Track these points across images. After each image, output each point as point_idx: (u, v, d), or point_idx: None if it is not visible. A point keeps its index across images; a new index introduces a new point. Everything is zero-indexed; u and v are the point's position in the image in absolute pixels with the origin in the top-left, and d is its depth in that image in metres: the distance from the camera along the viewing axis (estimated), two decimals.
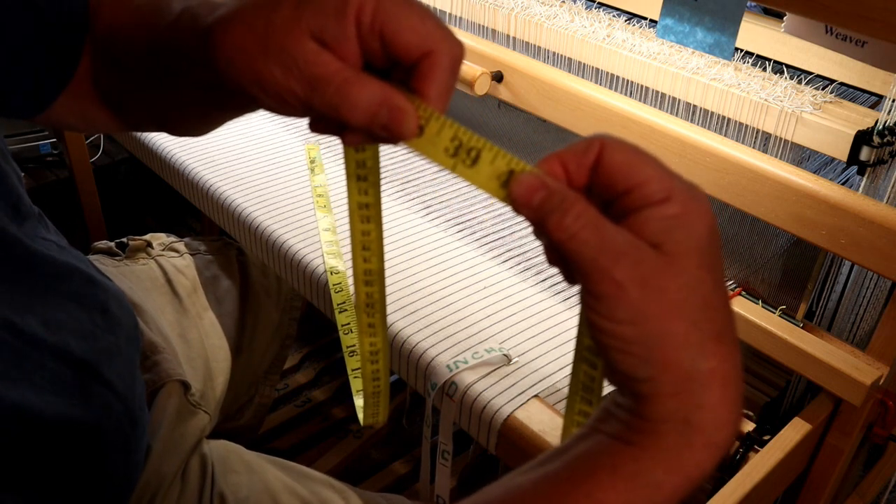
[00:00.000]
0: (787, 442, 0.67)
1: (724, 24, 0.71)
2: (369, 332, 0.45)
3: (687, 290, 0.30)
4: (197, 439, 0.72)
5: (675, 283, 0.30)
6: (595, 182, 0.32)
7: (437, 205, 0.90)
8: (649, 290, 0.30)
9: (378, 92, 0.34)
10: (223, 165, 0.95)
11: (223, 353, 0.85)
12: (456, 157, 0.34)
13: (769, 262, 0.75)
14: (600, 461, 0.32)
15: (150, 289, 0.83)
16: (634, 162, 0.31)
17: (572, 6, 0.91)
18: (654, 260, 0.30)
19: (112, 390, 0.56)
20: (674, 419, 0.31)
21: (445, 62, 0.35)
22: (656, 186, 0.31)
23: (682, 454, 0.31)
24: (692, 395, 0.31)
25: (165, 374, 0.72)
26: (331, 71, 0.34)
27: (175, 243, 0.90)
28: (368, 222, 0.41)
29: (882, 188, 0.69)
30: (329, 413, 1.35)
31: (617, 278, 0.30)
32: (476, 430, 0.65)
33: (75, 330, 0.54)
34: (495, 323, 0.73)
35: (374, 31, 0.34)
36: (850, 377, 0.67)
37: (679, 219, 0.31)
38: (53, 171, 1.55)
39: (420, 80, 0.35)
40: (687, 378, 0.31)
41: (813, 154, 0.75)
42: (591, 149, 0.32)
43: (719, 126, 0.77)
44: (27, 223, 0.55)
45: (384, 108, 0.34)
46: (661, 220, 0.31)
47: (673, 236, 0.31)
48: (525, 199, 0.32)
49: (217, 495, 0.69)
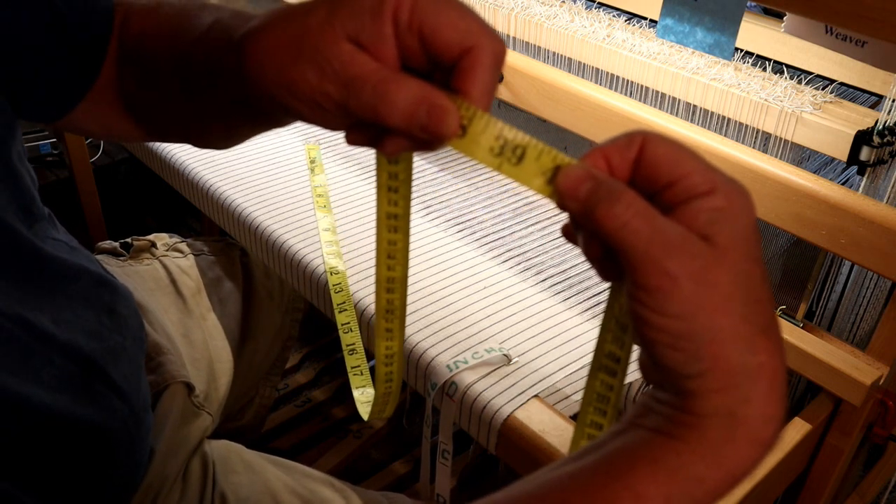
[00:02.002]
0: (787, 442, 0.67)
1: (724, 24, 0.71)
2: (387, 336, 0.45)
3: (737, 283, 0.30)
4: (199, 440, 0.72)
5: (726, 277, 0.30)
6: (638, 176, 0.31)
7: (437, 205, 0.90)
8: (702, 284, 0.29)
9: (417, 90, 0.32)
10: (223, 165, 0.95)
11: (226, 355, 0.85)
12: (501, 157, 0.33)
13: (769, 262, 0.75)
14: (640, 454, 0.31)
15: (154, 289, 0.83)
16: (677, 155, 0.31)
17: (572, 6, 0.91)
18: (706, 252, 0.29)
19: (117, 390, 0.56)
20: (720, 414, 0.30)
21: (488, 59, 0.33)
22: (700, 178, 0.30)
23: (727, 449, 0.30)
24: (740, 390, 0.30)
25: (170, 376, 0.71)
26: (367, 70, 0.32)
27: (179, 244, 0.90)
28: (396, 232, 0.41)
29: (882, 188, 0.69)
30: (329, 413, 1.35)
31: (671, 271, 0.29)
32: (476, 430, 0.65)
33: (83, 329, 0.54)
34: (495, 323, 0.73)
35: (413, 30, 0.33)
36: (850, 377, 0.67)
37: (725, 211, 0.30)
38: (53, 171, 1.55)
39: (462, 78, 0.33)
40: (736, 373, 0.30)
41: (813, 154, 0.75)
42: (633, 143, 0.31)
43: (719, 126, 0.77)
44: (38, 224, 0.55)
45: (424, 106, 0.32)
46: (708, 212, 0.30)
47: (721, 228, 0.30)
48: (572, 191, 0.31)
49: (218, 495, 0.69)
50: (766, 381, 0.30)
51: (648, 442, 0.31)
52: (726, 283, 0.30)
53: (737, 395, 0.30)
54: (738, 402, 0.30)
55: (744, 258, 0.30)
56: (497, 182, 0.94)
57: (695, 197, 0.30)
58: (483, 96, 0.34)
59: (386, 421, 1.30)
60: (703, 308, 0.29)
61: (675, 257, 0.29)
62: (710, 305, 0.29)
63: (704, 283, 0.29)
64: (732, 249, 0.30)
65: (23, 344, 0.48)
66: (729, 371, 0.30)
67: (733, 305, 0.30)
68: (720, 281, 0.29)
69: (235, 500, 0.69)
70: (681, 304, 0.29)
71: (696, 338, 0.29)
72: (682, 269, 0.29)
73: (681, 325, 0.29)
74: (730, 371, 0.30)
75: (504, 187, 0.93)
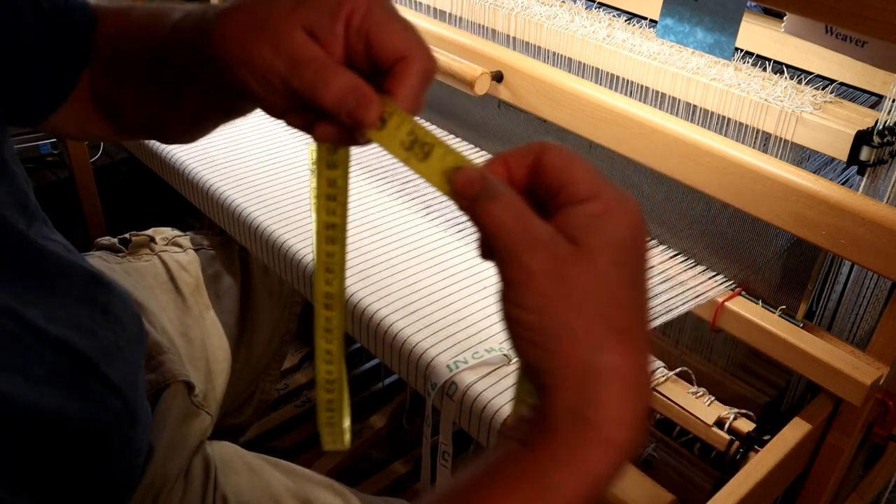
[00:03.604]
0: (787, 442, 0.67)
1: (724, 24, 0.71)
2: (326, 358, 0.44)
3: (597, 285, 0.31)
4: (199, 440, 0.72)
5: (585, 278, 0.31)
6: (534, 182, 0.33)
7: (437, 205, 0.90)
8: (558, 282, 0.31)
9: (351, 79, 0.36)
10: (223, 165, 0.95)
11: (223, 353, 0.85)
12: (410, 151, 0.36)
13: (769, 262, 0.75)
14: (502, 467, 0.32)
15: (153, 286, 0.83)
16: (568, 164, 0.33)
17: (572, 6, 0.91)
18: (568, 252, 0.31)
19: (110, 387, 0.56)
20: (570, 416, 0.31)
21: (418, 68, 0.37)
22: (583, 187, 0.32)
23: (579, 454, 0.31)
24: (589, 390, 0.31)
25: (170, 375, 0.72)
26: (314, 55, 0.36)
27: (178, 238, 0.90)
28: (333, 243, 0.41)
29: (882, 188, 0.69)
30: None
31: (529, 266, 0.31)
32: (476, 430, 0.65)
33: (76, 326, 0.54)
34: (495, 323, 0.73)
35: (361, 33, 0.37)
36: (850, 377, 0.67)
37: (599, 217, 0.31)
38: (53, 171, 1.55)
39: (392, 81, 0.37)
40: (584, 371, 0.31)
41: (813, 154, 0.75)
42: (531, 152, 0.34)
43: (719, 126, 0.77)
44: (35, 223, 0.55)
45: (354, 94, 0.36)
46: (581, 217, 0.32)
47: (591, 232, 0.31)
48: (462, 189, 0.33)
49: (220, 497, 0.69)
50: (619, 382, 0.31)
51: (512, 454, 0.32)
52: (585, 283, 0.31)
53: (586, 396, 0.31)
54: (587, 404, 0.31)
55: (610, 262, 0.31)
56: None
57: (574, 203, 0.32)
58: (407, 98, 0.37)
59: (386, 423, 1.30)
60: (556, 304, 0.31)
61: (535, 254, 0.31)
62: (565, 303, 0.31)
63: (561, 281, 0.31)
64: (598, 253, 0.31)
65: (14, 337, 0.48)
66: (577, 368, 0.31)
67: (589, 305, 0.31)
68: (578, 281, 0.31)
69: (237, 501, 0.69)
70: (535, 298, 0.31)
71: (548, 333, 0.31)
72: (540, 265, 0.31)
73: (534, 319, 0.31)
74: (578, 368, 0.31)
75: None
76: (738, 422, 0.68)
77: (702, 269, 0.80)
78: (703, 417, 0.68)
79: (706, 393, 0.71)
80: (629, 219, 0.32)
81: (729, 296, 0.76)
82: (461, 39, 0.92)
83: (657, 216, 0.83)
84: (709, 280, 0.79)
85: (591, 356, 0.31)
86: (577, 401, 0.31)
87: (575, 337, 0.31)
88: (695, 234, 0.80)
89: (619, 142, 0.80)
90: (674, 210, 0.81)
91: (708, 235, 0.79)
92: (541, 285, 0.31)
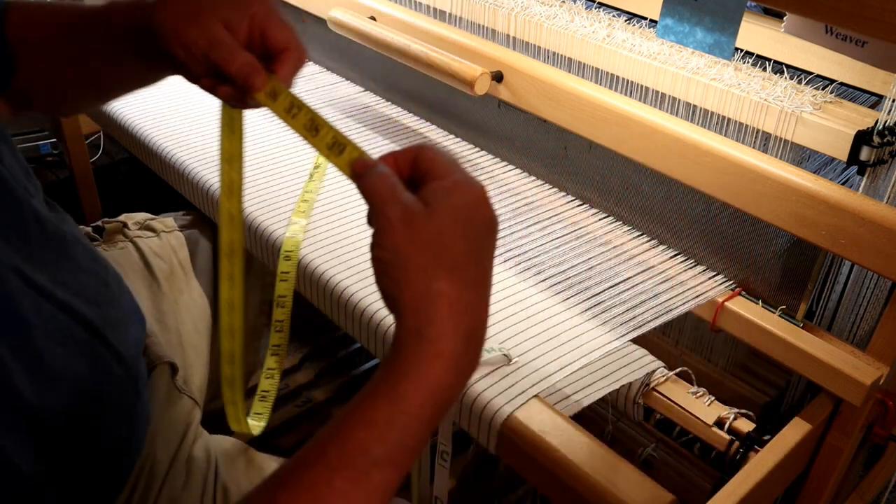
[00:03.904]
0: (787, 442, 0.67)
1: (724, 24, 0.71)
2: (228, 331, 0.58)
3: (434, 234, 0.41)
4: (185, 425, 0.73)
5: (426, 228, 0.41)
6: (413, 171, 0.45)
7: None
8: (407, 228, 0.41)
9: (249, 58, 0.52)
10: None
11: (199, 337, 0.85)
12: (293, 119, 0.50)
13: (769, 262, 0.75)
14: (368, 387, 0.41)
15: (128, 274, 0.84)
16: (433, 156, 0.44)
17: (572, 6, 0.91)
18: (419, 210, 0.42)
19: (116, 356, 0.60)
20: (412, 333, 0.40)
21: (295, 55, 0.54)
22: (441, 171, 0.44)
23: (419, 365, 0.40)
24: (423, 312, 0.41)
25: (155, 357, 0.73)
26: (227, 39, 0.52)
27: (150, 221, 0.91)
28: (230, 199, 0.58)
29: (882, 188, 0.69)
30: (329, 413, 1.35)
31: (388, 215, 0.42)
32: (476, 430, 0.65)
33: (82, 294, 0.58)
34: (495, 323, 0.73)
35: (259, 28, 0.53)
36: (850, 377, 0.67)
37: (447, 189, 0.43)
38: (53, 171, 1.55)
39: (277, 64, 0.53)
40: (422, 296, 0.41)
41: (813, 154, 0.75)
42: (412, 149, 0.45)
43: (719, 126, 0.77)
44: (38, 195, 0.60)
45: (249, 67, 0.51)
46: (434, 188, 0.43)
47: (436, 198, 0.42)
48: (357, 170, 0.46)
49: (220, 487, 0.70)
50: (447, 304, 0.41)
51: (376, 374, 0.41)
52: (427, 232, 0.41)
53: (423, 316, 0.41)
54: (422, 322, 0.40)
55: (449, 220, 0.42)
56: (497, 182, 0.94)
57: (431, 179, 0.43)
58: (286, 77, 0.53)
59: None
60: (405, 245, 0.41)
61: (395, 208, 0.42)
62: (411, 245, 0.41)
63: (410, 229, 0.41)
64: (440, 212, 0.42)
65: (27, 294, 0.52)
66: (417, 295, 0.41)
67: (429, 248, 0.41)
68: (422, 230, 0.41)
69: (238, 493, 0.70)
70: (391, 240, 0.41)
71: (397, 266, 0.41)
72: (397, 216, 0.41)
73: (389, 256, 0.41)
74: (418, 295, 0.41)
75: (504, 187, 0.93)
76: (738, 422, 0.68)
77: (702, 269, 0.80)
78: (703, 417, 0.68)
79: (706, 393, 0.71)
80: (470, 194, 0.43)
81: (729, 296, 0.76)
82: (461, 39, 0.92)
83: (657, 216, 0.83)
84: (709, 280, 0.79)
85: (427, 285, 0.41)
86: (417, 320, 0.40)
87: (415, 269, 0.41)
88: (695, 234, 0.80)
89: (619, 142, 0.80)
90: (674, 210, 0.81)
91: (708, 235, 0.79)
92: (395, 231, 0.41)
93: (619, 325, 0.72)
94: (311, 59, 1.24)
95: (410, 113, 1.09)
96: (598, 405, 0.69)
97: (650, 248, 0.84)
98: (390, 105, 1.12)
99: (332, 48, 1.18)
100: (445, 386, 0.40)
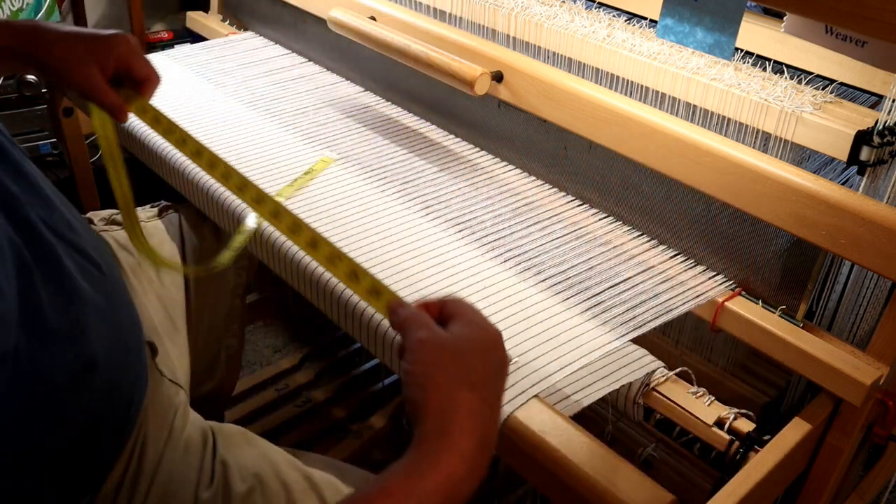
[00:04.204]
0: (787, 442, 0.67)
1: (724, 24, 0.71)
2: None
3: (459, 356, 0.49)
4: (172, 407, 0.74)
5: (452, 350, 0.50)
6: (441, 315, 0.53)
7: (437, 205, 0.90)
8: (436, 348, 0.49)
9: (115, 99, 0.72)
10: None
11: (171, 326, 0.86)
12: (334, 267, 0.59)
13: (769, 262, 0.75)
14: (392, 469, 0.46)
15: None
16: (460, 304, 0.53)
17: (572, 6, 0.91)
18: (447, 336, 0.50)
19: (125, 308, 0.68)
20: (435, 430, 0.47)
21: (153, 83, 0.75)
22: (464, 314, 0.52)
23: (439, 455, 0.46)
24: (448, 413, 0.47)
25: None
26: (100, 84, 0.71)
27: (116, 216, 0.92)
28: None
29: (882, 188, 0.69)
30: (329, 413, 1.35)
31: (417, 337, 0.50)
32: None
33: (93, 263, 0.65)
34: (495, 323, 0.73)
35: (124, 64, 0.73)
36: (850, 377, 0.67)
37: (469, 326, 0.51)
38: (53, 171, 1.55)
39: (143, 89, 0.74)
40: (446, 402, 0.47)
41: (813, 154, 0.75)
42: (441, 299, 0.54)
43: (719, 126, 0.77)
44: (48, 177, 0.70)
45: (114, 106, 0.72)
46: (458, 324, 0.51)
47: (461, 331, 0.51)
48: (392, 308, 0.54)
49: (219, 462, 0.71)
50: (466, 410, 0.47)
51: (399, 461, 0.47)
52: (453, 354, 0.49)
53: (446, 417, 0.47)
54: (446, 422, 0.47)
55: (471, 349, 0.50)
56: (497, 182, 0.94)
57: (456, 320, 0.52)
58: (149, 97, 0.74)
59: (386, 423, 1.31)
60: (433, 361, 0.49)
61: (423, 331, 0.50)
62: (439, 361, 0.49)
63: (438, 349, 0.49)
64: (464, 342, 0.50)
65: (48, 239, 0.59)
66: (441, 398, 0.47)
67: (453, 367, 0.49)
68: (449, 351, 0.49)
69: (237, 467, 0.71)
70: (421, 355, 0.49)
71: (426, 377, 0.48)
72: (427, 337, 0.50)
73: (419, 369, 0.49)
74: (441, 399, 0.47)
75: (504, 187, 0.93)
76: (738, 422, 0.68)
77: (702, 269, 0.80)
78: (703, 417, 0.68)
79: (706, 393, 0.71)
80: (489, 334, 0.53)
81: (729, 296, 0.76)
82: (461, 39, 0.92)
83: (657, 216, 0.83)
84: (709, 280, 0.79)
85: (450, 393, 0.48)
86: (439, 420, 0.47)
87: (441, 379, 0.48)
88: (695, 234, 0.80)
89: (619, 142, 0.80)
90: (674, 210, 0.81)
91: (708, 235, 0.79)
92: (425, 348, 0.49)
93: (619, 325, 0.72)
94: (311, 59, 1.24)
95: (410, 113, 1.09)
96: (598, 405, 0.69)
97: (650, 248, 0.84)
98: (390, 105, 1.12)
99: (332, 48, 1.18)
100: (459, 476, 0.45)
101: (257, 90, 1.14)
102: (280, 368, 1.44)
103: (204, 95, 1.12)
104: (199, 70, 1.20)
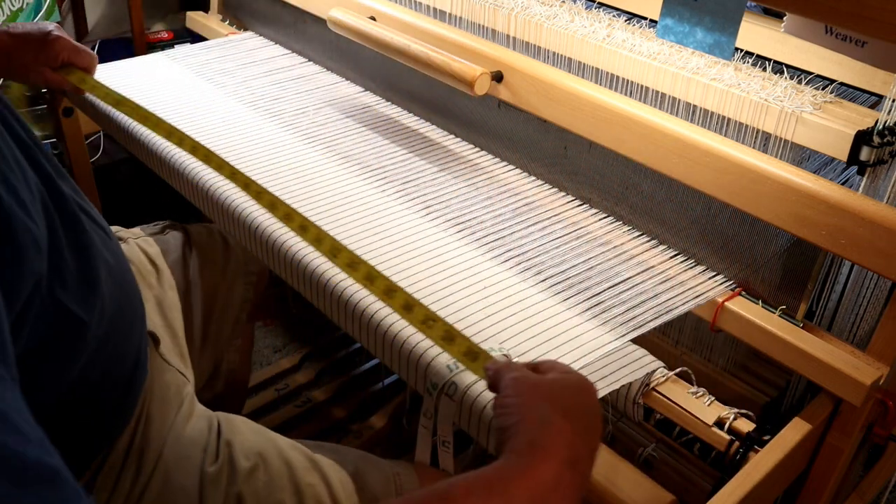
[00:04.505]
0: (787, 442, 0.67)
1: (724, 24, 0.71)
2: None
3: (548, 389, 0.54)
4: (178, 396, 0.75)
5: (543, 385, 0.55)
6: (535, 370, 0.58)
7: (437, 205, 0.90)
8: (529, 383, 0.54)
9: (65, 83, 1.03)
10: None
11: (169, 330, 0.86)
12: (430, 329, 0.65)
13: (769, 262, 0.75)
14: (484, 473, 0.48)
15: None
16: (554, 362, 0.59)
17: (572, 6, 0.91)
18: (539, 376, 0.56)
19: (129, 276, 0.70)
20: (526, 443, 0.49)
21: (94, 63, 1.07)
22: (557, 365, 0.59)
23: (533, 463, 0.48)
24: (540, 429, 0.50)
25: None
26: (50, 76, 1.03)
27: (119, 232, 0.92)
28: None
29: (882, 188, 0.69)
30: (329, 413, 1.35)
31: (513, 375, 0.55)
32: (476, 430, 0.65)
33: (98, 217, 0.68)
34: (495, 323, 0.73)
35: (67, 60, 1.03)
36: (850, 377, 0.67)
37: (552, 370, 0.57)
38: None
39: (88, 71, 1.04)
40: (539, 420, 0.51)
41: (813, 154, 0.75)
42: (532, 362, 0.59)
43: (719, 126, 0.77)
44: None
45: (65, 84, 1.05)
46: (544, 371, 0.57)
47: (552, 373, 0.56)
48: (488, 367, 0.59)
49: (224, 443, 0.72)
50: (557, 428, 0.50)
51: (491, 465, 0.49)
52: (544, 388, 0.54)
53: (538, 433, 0.50)
54: (538, 436, 0.50)
55: (562, 384, 0.55)
56: (497, 182, 0.94)
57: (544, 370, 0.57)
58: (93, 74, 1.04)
59: (386, 423, 1.30)
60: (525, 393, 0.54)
61: (518, 372, 0.56)
62: (530, 392, 0.54)
63: (531, 384, 0.54)
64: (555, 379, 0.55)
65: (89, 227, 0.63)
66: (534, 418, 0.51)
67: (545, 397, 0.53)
68: (540, 386, 0.54)
69: (241, 448, 0.72)
70: (514, 389, 0.54)
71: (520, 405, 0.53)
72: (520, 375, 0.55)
73: (513, 400, 0.53)
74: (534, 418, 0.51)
75: (504, 187, 0.93)
76: (737, 422, 0.68)
77: (702, 269, 0.80)
78: (703, 417, 0.68)
79: (706, 393, 0.71)
80: (577, 377, 0.57)
81: (729, 296, 0.76)
82: (461, 39, 0.92)
83: (657, 216, 0.83)
84: (709, 280, 0.79)
85: (542, 414, 0.51)
86: (531, 435, 0.50)
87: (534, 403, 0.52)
88: (695, 234, 0.80)
89: (619, 142, 0.80)
90: (674, 210, 0.81)
91: (708, 235, 0.79)
92: (518, 383, 0.54)
93: (619, 325, 0.72)
94: (310, 59, 1.24)
95: (410, 113, 1.09)
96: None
97: (650, 248, 0.84)
98: (390, 105, 1.12)
99: (332, 48, 1.18)
100: (547, 485, 0.47)
101: (257, 90, 1.14)
102: (280, 368, 1.44)
103: (204, 95, 1.12)
104: (199, 70, 1.20)
